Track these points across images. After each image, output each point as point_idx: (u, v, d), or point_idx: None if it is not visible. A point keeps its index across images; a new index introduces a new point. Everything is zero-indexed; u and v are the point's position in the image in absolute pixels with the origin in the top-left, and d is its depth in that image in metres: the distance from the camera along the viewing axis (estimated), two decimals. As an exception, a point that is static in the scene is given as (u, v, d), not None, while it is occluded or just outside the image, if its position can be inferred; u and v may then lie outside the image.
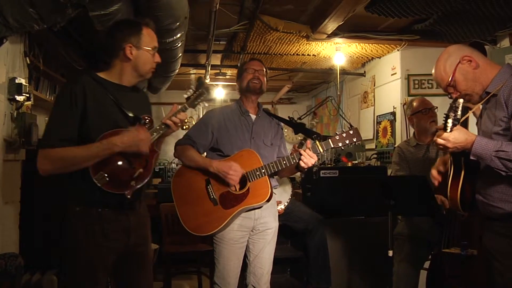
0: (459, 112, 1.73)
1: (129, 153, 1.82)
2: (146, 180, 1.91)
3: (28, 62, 3.17)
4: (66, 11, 2.59)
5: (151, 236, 2.09)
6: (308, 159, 2.30)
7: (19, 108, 2.97)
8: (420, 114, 3.07)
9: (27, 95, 2.98)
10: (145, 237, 2.02)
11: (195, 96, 2.06)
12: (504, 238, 1.77)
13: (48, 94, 3.97)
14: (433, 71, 1.98)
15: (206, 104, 2.15)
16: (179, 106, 1.99)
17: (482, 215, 1.91)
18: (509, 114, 1.72)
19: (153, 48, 1.95)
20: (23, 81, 2.94)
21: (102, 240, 1.83)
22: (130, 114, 1.90)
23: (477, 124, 1.99)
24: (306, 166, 2.33)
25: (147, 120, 1.93)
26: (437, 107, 3.11)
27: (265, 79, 2.61)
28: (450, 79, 1.87)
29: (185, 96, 2.08)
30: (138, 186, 1.89)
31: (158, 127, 1.93)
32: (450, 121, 1.71)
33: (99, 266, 1.83)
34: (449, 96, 1.93)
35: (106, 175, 1.78)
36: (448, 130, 1.73)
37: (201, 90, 2.05)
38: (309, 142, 2.35)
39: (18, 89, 2.89)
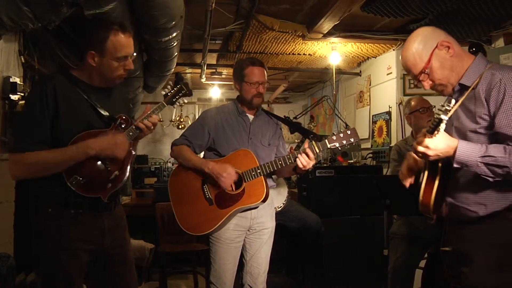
0: (450, 114, 1.53)
1: (104, 156, 1.77)
2: (122, 182, 1.86)
3: (23, 61, 3.15)
4: (61, 10, 2.58)
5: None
6: (307, 162, 2.27)
7: (13, 107, 2.95)
8: (417, 113, 3.08)
9: (22, 94, 2.96)
10: (123, 238, 1.97)
11: (173, 93, 1.98)
12: (473, 241, 1.67)
13: (43, 93, 3.94)
14: (402, 55, 1.76)
15: (185, 101, 2.06)
16: (153, 107, 1.91)
17: (449, 218, 1.79)
18: (491, 111, 1.57)
19: (121, 57, 1.81)
20: (17, 80, 2.93)
21: (76, 243, 1.77)
22: (105, 114, 1.84)
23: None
24: (303, 168, 2.29)
25: (123, 120, 1.86)
26: (435, 106, 3.12)
27: (265, 88, 2.56)
28: (425, 66, 1.67)
29: (163, 93, 1.99)
30: (114, 189, 1.84)
31: (132, 128, 1.86)
32: (443, 126, 1.49)
33: (74, 268, 1.79)
34: (416, 84, 1.74)
35: (80, 178, 1.72)
36: (435, 133, 1.52)
37: (180, 86, 1.98)
38: (306, 143, 2.32)
39: (13, 88, 2.87)
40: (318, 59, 4.95)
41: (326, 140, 2.30)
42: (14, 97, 2.90)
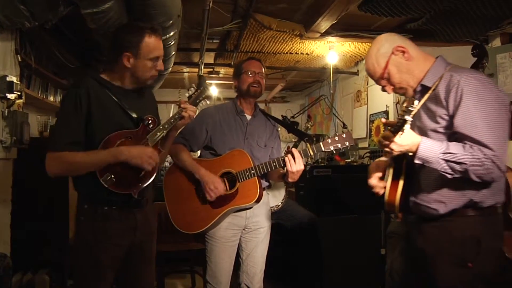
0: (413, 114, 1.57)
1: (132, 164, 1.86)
2: (151, 179, 1.95)
3: (20, 60, 3.14)
4: (58, 9, 2.58)
5: (156, 231, 2.13)
6: (292, 163, 2.26)
7: (10, 106, 2.94)
8: None
9: (19, 93, 2.95)
10: (151, 233, 2.08)
11: (197, 95, 2.07)
12: (435, 239, 1.72)
13: (40, 92, 3.94)
14: (365, 63, 1.85)
15: (208, 102, 2.14)
16: (171, 111, 2.02)
17: (416, 216, 1.84)
18: (450, 112, 1.63)
19: (154, 58, 1.92)
20: (14, 79, 2.91)
21: (110, 238, 1.86)
22: (134, 115, 1.93)
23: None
24: (292, 169, 2.28)
25: (151, 121, 1.95)
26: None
27: (264, 81, 2.58)
28: (383, 71, 1.76)
29: (187, 94, 2.09)
30: (145, 185, 1.93)
31: (161, 127, 1.96)
32: (408, 126, 1.52)
33: (106, 264, 1.87)
34: (382, 89, 1.82)
35: (112, 176, 1.82)
36: (400, 134, 1.55)
37: (203, 88, 2.06)
38: (294, 149, 2.32)
39: (9, 87, 2.86)
40: (315, 58, 4.96)
41: (321, 143, 2.29)
42: (10, 96, 2.89)
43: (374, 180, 1.90)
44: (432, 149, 1.59)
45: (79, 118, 1.83)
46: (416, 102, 1.53)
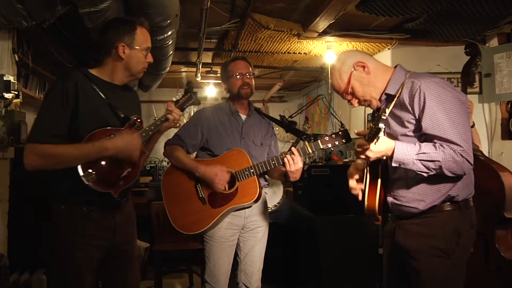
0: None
1: (120, 157, 1.83)
2: (133, 180, 1.92)
3: (17, 59, 3.13)
4: (56, 8, 2.57)
5: (137, 234, 2.10)
6: (291, 163, 2.27)
7: (7, 106, 2.94)
8: None
9: (16, 93, 2.94)
10: (131, 235, 2.03)
11: (184, 100, 2.06)
12: (416, 235, 1.80)
13: (37, 91, 3.93)
14: (329, 80, 1.96)
15: (194, 109, 2.14)
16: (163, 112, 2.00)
17: (395, 215, 1.93)
18: (416, 116, 1.74)
19: (146, 48, 1.94)
20: (11, 78, 2.91)
21: (88, 239, 1.82)
22: (121, 114, 1.90)
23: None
24: (291, 169, 2.29)
25: (137, 121, 1.92)
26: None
27: (253, 80, 2.57)
28: (346, 86, 1.88)
29: (174, 99, 2.08)
30: (126, 186, 1.89)
31: (147, 128, 1.93)
32: (382, 134, 1.60)
33: (85, 265, 1.82)
34: (349, 103, 1.94)
35: (94, 173, 1.77)
36: (375, 142, 1.62)
37: (190, 94, 2.06)
38: (294, 148, 2.33)
39: (7, 86, 2.85)
40: (313, 58, 4.96)
41: (319, 141, 2.30)
42: (8, 95, 2.88)
43: (353, 182, 1.99)
44: (406, 152, 1.69)
45: (65, 111, 1.77)
46: (387, 110, 1.69)
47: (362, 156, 1.74)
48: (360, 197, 1.95)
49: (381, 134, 1.60)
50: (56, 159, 1.76)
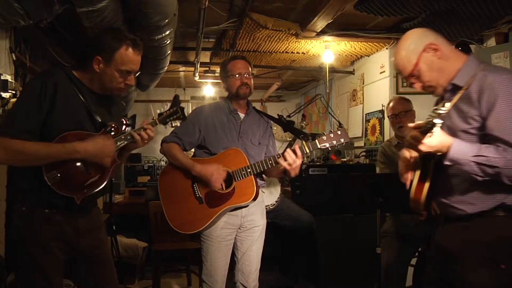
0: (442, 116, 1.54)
1: (90, 162, 1.78)
2: (98, 189, 1.84)
3: (14, 59, 3.12)
4: (53, 7, 2.56)
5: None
6: (294, 159, 2.27)
7: (5, 105, 2.93)
8: (390, 118, 3.10)
9: (13, 92, 2.93)
10: (99, 240, 1.97)
11: (168, 114, 2.01)
12: (462, 240, 1.69)
13: (34, 91, 3.91)
14: (394, 57, 1.80)
15: (177, 123, 2.08)
16: (150, 121, 1.94)
17: (441, 215, 1.82)
18: (483, 113, 1.59)
19: (125, 71, 1.83)
20: (8, 77, 2.90)
21: (50, 242, 1.77)
22: (98, 119, 1.85)
23: None
24: (290, 167, 2.29)
25: (113, 128, 1.87)
26: (410, 110, 3.09)
27: (251, 80, 2.57)
28: (413, 68, 1.71)
29: (158, 111, 2.05)
30: (89, 194, 1.82)
31: (123, 137, 1.87)
32: (437, 129, 1.50)
33: (50, 265, 1.78)
34: (411, 85, 1.79)
35: (58, 175, 1.72)
36: (429, 135, 1.53)
37: (175, 109, 2.01)
38: (297, 144, 2.32)
39: (4, 85, 2.84)
40: (311, 57, 4.96)
41: (317, 141, 2.31)
42: (5, 94, 2.87)
43: (401, 166, 1.86)
44: (463, 151, 1.56)
45: (40, 108, 1.72)
46: (447, 104, 1.48)
47: (414, 149, 1.63)
48: (407, 182, 1.82)
49: (436, 129, 1.49)
50: (23, 155, 1.70)
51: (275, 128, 2.80)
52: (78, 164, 1.76)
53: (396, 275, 2.93)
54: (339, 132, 2.31)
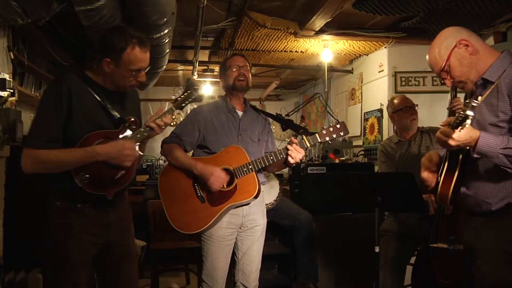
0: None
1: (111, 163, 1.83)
2: (127, 182, 1.92)
3: (12, 57, 3.11)
4: (51, 6, 2.56)
5: (134, 230, 2.10)
6: (296, 153, 2.30)
7: (3, 104, 2.92)
8: (400, 112, 3.09)
9: (11, 91, 2.93)
10: (127, 232, 2.04)
11: (184, 98, 2.00)
12: (486, 235, 1.73)
13: (33, 89, 3.91)
14: (427, 54, 1.87)
15: (195, 105, 2.09)
16: (165, 109, 1.95)
17: (465, 210, 1.87)
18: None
19: (135, 70, 1.87)
20: (7, 76, 2.89)
21: (82, 235, 1.84)
22: (116, 115, 1.89)
23: None
24: (293, 161, 2.32)
25: (133, 123, 1.91)
26: (417, 105, 3.12)
27: (249, 74, 2.58)
28: (444, 63, 1.76)
29: (173, 97, 2.06)
30: (119, 188, 1.90)
31: (142, 130, 1.91)
32: (468, 121, 1.50)
33: (80, 261, 1.84)
34: (442, 82, 1.83)
35: (87, 176, 1.79)
36: (460, 129, 1.54)
37: (190, 92, 2.00)
38: (293, 138, 2.35)
39: (2, 84, 2.84)
40: (310, 56, 4.96)
41: (317, 135, 2.32)
42: (3, 93, 2.87)
43: (426, 173, 1.93)
44: (491, 144, 1.59)
45: (59, 116, 1.79)
46: (479, 98, 1.52)
47: (444, 145, 1.66)
48: (431, 187, 1.90)
49: (468, 121, 1.50)
50: (50, 164, 1.79)
51: (273, 127, 2.80)
52: (104, 162, 1.81)
53: (394, 273, 2.94)
54: (338, 126, 2.32)
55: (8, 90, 2.89)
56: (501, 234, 1.68)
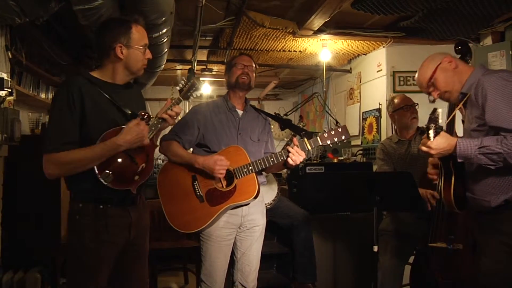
0: (440, 121, 1.81)
1: (131, 149, 1.86)
2: (149, 174, 1.97)
3: (10, 57, 3.11)
4: (49, 5, 2.56)
5: (149, 226, 2.12)
6: (296, 156, 2.29)
7: (1, 104, 2.92)
8: (401, 111, 3.10)
9: (9, 90, 2.92)
10: (144, 230, 2.07)
11: (188, 88, 2.06)
12: (489, 230, 1.87)
13: (31, 89, 3.90)
14: (416, 75, 2.12)
15: (198, 94, 2.13)
16: (173, 100, 2.01)
17: (473, 210, 2.00)
18: (482, 110, 1.82)
19: (143, 46, 1.94)
20: (4, 75, 2.89)
21: (106, 236, 1.85)
22: (128, 112, 1.92)
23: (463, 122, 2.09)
24: (294, 164, 2.32)
25: (145, 116, 1.93)
26: (417, 104, 3.13)
27: (254, 75, 2.59)
28: (431, 75, 2.01)
29: (178, 88, 2.09)
30: (143, 181, 1.94)
31: (155, 122, 1.95)
32: (431, 132, 1.78)
33: (103, 262, 1.86)
34: (429, 96, 2.05)
35: (111, 173, 1.81)
36: (431, 139, 1.80)
37: (193, 81, 2.07)
38: (295, 139, 2.34)
39: (0, 84, 2.83)
40: (308, 56, 4.96)
41: (318, 138, 2.32)
42: (1, 93, 2.86)
43: (432, 169, 2.17)
44: (468, 146, 1.78)
45: (73, 117, 1.80)
46: (439, 110, 1.79)
47: (426, 153, 1.87)
48: (436, 178, 2.14)
49: (431, 132, 1.77)
50: (73, 164, 1.79)
51: (272, 126, 2.80)
52: (124, 157, 1.85)
53: (393, 273, 2.94)
54: (339, 129, 2.33)
55: (6, 89, 2.88)
56: (500, 227, 1.83)
